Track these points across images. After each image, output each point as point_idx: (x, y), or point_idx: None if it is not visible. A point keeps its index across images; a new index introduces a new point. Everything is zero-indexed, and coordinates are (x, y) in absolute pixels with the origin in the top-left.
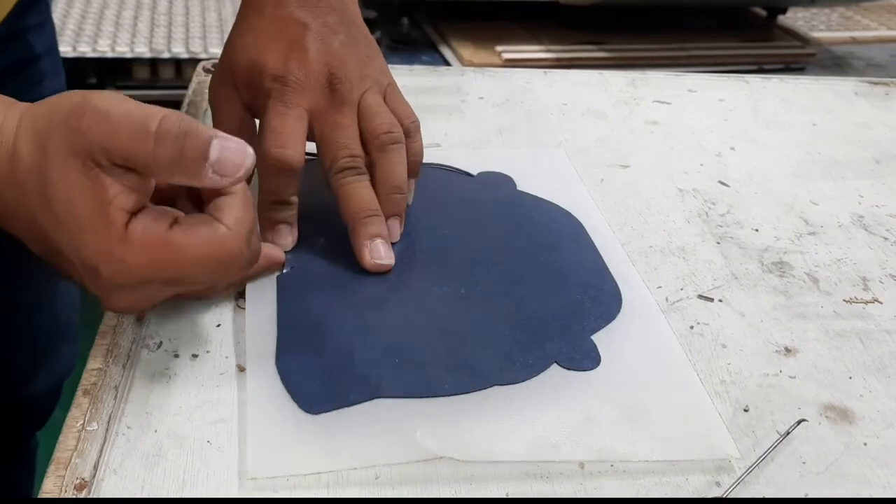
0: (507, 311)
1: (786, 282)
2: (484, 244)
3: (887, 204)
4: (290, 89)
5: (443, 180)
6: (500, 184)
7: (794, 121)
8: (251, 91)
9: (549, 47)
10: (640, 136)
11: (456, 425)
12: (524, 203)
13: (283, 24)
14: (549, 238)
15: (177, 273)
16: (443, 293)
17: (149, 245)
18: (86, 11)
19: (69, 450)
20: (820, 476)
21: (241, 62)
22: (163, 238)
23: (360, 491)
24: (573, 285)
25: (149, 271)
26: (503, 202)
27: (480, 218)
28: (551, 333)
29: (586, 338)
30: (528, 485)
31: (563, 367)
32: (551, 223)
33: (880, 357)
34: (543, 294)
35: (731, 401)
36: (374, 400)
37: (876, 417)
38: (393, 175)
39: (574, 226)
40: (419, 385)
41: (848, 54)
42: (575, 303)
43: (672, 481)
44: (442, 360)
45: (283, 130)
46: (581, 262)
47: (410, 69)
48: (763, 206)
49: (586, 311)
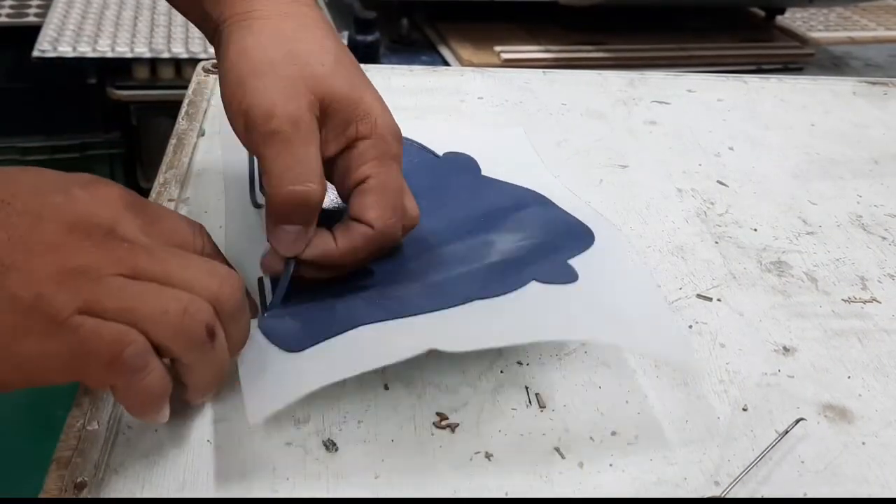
0: (488, 253)
1: (784, 281)
2: (452, 221)
3: (886, 204)
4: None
5: (408, 158)
6: (465, 168)
7: (793, 121)
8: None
9: (548, 47)
10: (638, 137)
11: (438, 326)
12: (488, 182)
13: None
14: (519, 204)
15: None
16: (427, 249)
17: None
18: (86, 12)
19: (69, 450)
20: (818, 475)
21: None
22: None
23: (360, 491)
24: (547, 230)
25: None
26: (468, 186)
27: (447, 201)
28: (529, 260)
29: (562, 261)
30: (528, 485)
31: (542, 282)
32: (519, 196)
33: (879, 356)
34: (519, 240)
35: (729, 400)
36: (356, 328)
37: (874, 417)
38: None
39: (541, 197)
40: (399, 309)
41: (846, 54)
42: (549, 240)
43: (671, 481)
44: (422, 290)
45: None
46: (552, 218)
47: (410, 69)
48: (762, 205)
49: (561, 244)
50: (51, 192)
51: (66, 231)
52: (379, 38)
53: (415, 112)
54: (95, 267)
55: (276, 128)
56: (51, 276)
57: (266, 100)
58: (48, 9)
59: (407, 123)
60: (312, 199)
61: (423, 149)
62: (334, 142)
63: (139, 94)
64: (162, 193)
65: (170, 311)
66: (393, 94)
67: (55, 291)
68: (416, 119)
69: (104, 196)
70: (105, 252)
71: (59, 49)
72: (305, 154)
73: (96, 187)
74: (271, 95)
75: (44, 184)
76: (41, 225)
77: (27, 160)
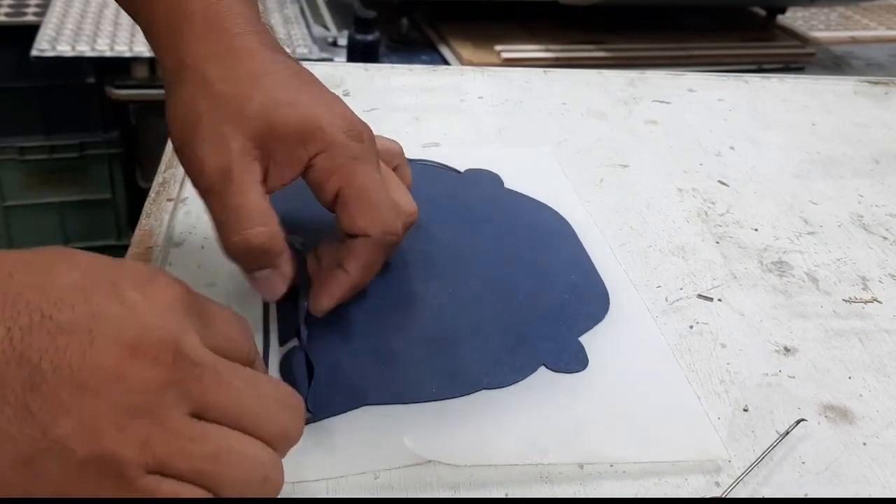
0: (495, 312)
1: (785, 281)
2: (472, 243)
3: (887, 203)
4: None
5: (428, 177)
6: (487, 181)
7: (794, 120)
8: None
9: (549, 47)
10: (639, 136)
11: (444, 429)
12: (511, 201)
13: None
14: (537, 237)
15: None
16: (431, 294)
17: None
18: (84, 11)
19: None
20: (819, 476)
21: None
22: None
23: (359, 492)
24: (561, 285)
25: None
26: (490, 200)
27: (468, 216)
28: (539, 335)
29: (574, 339)
30: (527, 485)
31: (551, 369)
32: (539, 222)
33: (880, 357)
34: (531, 294)
35: (730, 400)
36: (362, 407)
37: (875, 417)
38: None
39: (561, 225)
40: (406, 391)
41: (847, 54)
42: (563, 303)
43: (671, 481)
44: (429, 365)
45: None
46: (568, 262)
47: (410, 69)
48: (762, 205)
49: (574, 312)
50: (101, 297)
51: (127, 354)
52: (379, 37)
53: (414, 112)
54: (163, 406)
55: (207, 185)
56: (112, 421)
57: (196, 158)
58: (47, 8)
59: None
60: (254, 243)
61: (444, 167)
62: (288, 168)
63: (138, 93)
64: (161, 193)
65: (252, 481)
66: (393, 93)
67: (119, 443)
68: (416, 120)
69: (164, 300)
70: (173, 383)
71: (58, 48)
72: (241, 202)
73: (154, 288)
74: (200, 152)
75: (90, 283)
76: (95, 347)
77: (26, 160)
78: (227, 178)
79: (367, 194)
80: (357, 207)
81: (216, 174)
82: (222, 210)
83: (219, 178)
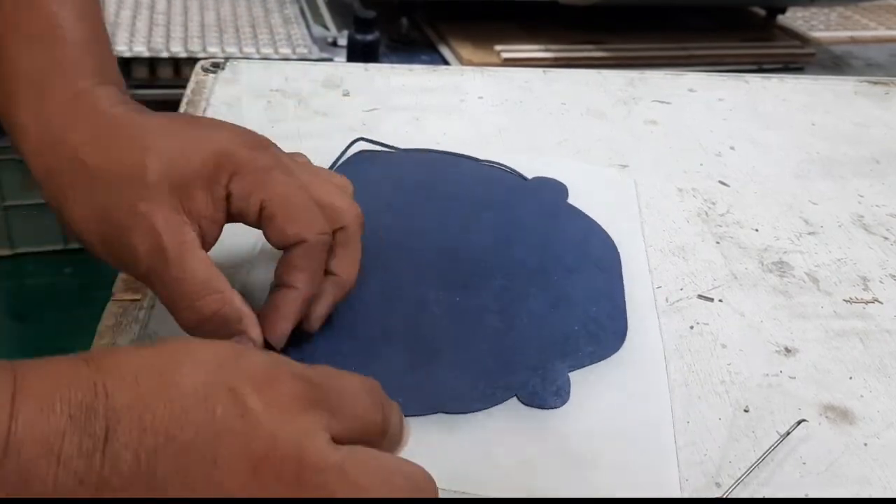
0: (492, 331)
1: (786, 282)
2: (503, 252)
3: (887, 204)
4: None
5: (493, 178)
6: (550, 192)
7: (794, 120)
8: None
9: (548, 47)
10: (639, 136)
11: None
12: (564, 217)
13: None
14: (574, 259)
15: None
16: (435, 302)
17: None
18: None
19: None
20: (820, 476)
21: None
22: None
23: None
24: (575, 315)
25: None
26: (542, 212)
27: (513, 225)
28: (525, 363)
29: (563, 373)
30: (527, 486)
31: (523, 402)
32: (584, 244)
33: (880, 357)
34: (538, 318)
35: (730, 401)
36: None
37: (876, 418)
38: None
39: (608, 252)
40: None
41: (847, 54)
42: (567, 335)
43: (672, 482)
44: (402, 376)
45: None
46: (596, 292)
47: (410, 69)
48: (763, 205)
49: (576, 346)
50: (222, 410)
51: (250, 474)
52: (379, 37)
53: (414, 112)
54: None
55: (145, 270)
56: None
57: (126, 249)
58: None
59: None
60: (205, 313)
61: (511, 171)
62: (216, 210)
63: (138, 93)
64: None
65: None
66: (393, 93)
67: None
68: (416, 120)
69: (285, 403)
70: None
71: None
72: (181, 276)
73: (274, 392)
74: (128, 241)
75: (212, 392)
76: (218, 468)
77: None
78: (162, 257)
79: (291, 200)
80: (284, 216)
81: (150, 257)
82: (165, 289)
83: (154, 260)
